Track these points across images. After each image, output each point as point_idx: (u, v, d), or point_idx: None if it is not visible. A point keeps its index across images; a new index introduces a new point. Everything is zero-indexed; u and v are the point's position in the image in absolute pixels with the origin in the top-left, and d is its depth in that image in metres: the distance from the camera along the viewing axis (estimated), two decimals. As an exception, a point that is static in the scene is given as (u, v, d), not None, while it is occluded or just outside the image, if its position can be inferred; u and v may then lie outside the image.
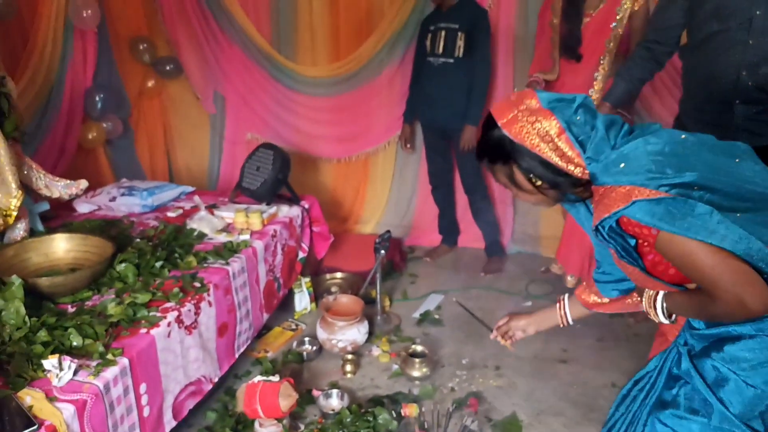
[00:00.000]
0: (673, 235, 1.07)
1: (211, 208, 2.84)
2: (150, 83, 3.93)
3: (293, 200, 2.95)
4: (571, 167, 1.20)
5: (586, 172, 1.20)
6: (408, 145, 3.57)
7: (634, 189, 1.09)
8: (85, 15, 3.29)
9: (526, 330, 1.72)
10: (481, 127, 1.31)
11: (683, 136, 1.18)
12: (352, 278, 3.32)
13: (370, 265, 3.01)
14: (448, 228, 3.72)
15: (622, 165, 1.13)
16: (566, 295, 1.66)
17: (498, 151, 1.25)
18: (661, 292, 1.25)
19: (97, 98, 3.50)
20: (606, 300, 1.53)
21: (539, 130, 1.18)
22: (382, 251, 2.88)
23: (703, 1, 2.11)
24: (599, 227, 1.16)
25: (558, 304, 1.66)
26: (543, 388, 2.47)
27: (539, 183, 1.25)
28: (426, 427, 2.09)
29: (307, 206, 3.00)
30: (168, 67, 3.90)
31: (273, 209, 2.78)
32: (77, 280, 2.02)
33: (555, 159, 1.19)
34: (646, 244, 1.15)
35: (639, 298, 1.33)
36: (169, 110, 4.07)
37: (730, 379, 1.14)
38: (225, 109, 3.98)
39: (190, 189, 3.09)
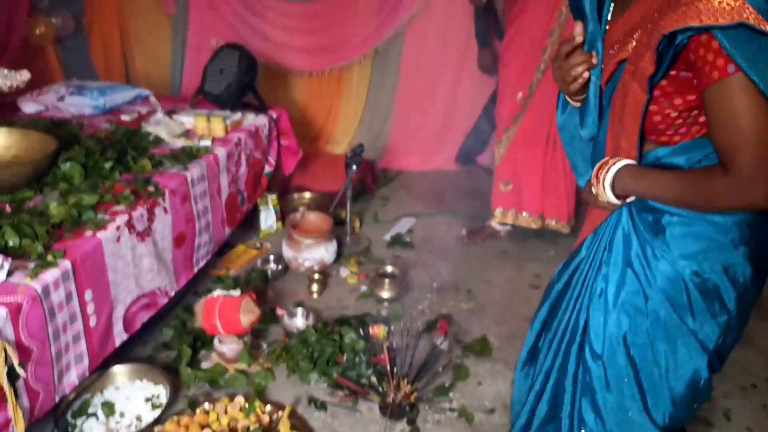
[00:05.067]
0: (750, 85, 0.87)
1: (169, 113, 2.61)
2: (105, -23, 3.56)
3: (260, 108, 2.73)
4: None
5: None
6: None
7: (745, 7, 0.84)
8: None
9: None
10: None
11: None
12: (321, 198, 3.16)
13: (340, 186, 2.85)
14: None
15: None
16: None
17: None
18: (621, 163, 1.07)
19: (44, -12, 3.16)
20: None
21: None
22: (354, 167, 2.72)
23: None
24: (666, 39, 0.91)
25: None
26: (514, 313, 2.41)
27: None
28: (394, 347, 2.01)
29: (275, 116, 2.79)
30: (124, -40, 3.53)
31: (238, 116, 2.57)
32: (15, 176, 1.82)
33: None
34: (683, 77, 0.96)
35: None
36: (126, 10, 3.71)
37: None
38: (188, 11, 3.64)
39: (147, 92, 2.83)
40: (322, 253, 2.54)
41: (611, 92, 1.09)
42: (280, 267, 2.59)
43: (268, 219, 2.91)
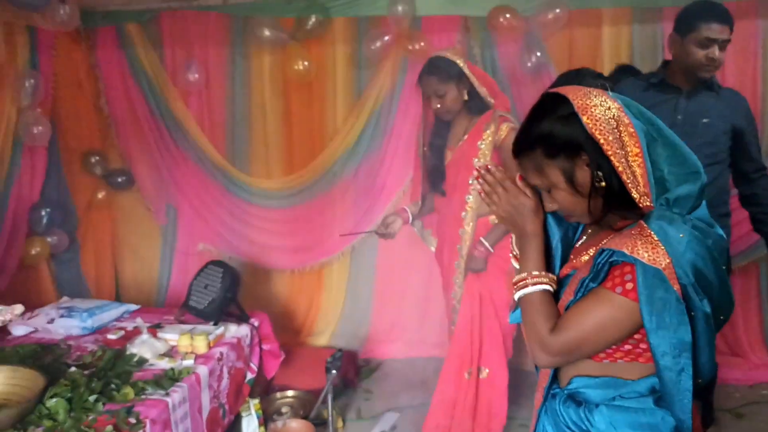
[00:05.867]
0: (616, 313, 1.08)
1: (154, 328, 2.74)
2: (100, 195, 3.88)
3: (242, 318, 2.87)
4: (635, 194, 1.09)
5: (650, 206, 1.09)
6: None
7: (667, 258, 1.03)
8: (35, 132, 3.29)
9: None
10: (540, 109, 1.17)
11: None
12: (304, 396, 3.19)
13: (323, 382, 2.89)
14: None
15: (682, 236, 1.05)
16: None
17: (569, 141, 1.11)
18: (542, 287, 1.21)
19: (43, 213, 3.43)
20: None
21: (617, 138, 1.08)
22: (334, 371, 2.78)
23: None
24: (606, 253, 1.10)
25: None
26: None
27: (602, 184, 1.11)
28: None
29: (256, 324, 2.92)
30: (120, 179, 3.88)
31: (220, 330, 2.70)
32: (2, 421, 1.88)
33: (624, 177, 1.08)
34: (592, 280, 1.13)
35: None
36: (119, 222, 4.00)
37: None
38: (177, 220, 3.95)
39: (135, 307, 2.98)
40: (304, 463, 2.53)
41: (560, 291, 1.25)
42: (261, 481, 2.55)
43: (250, 425, 2.90)
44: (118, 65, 3.73)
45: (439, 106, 2.50)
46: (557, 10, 3.22)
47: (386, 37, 3.47)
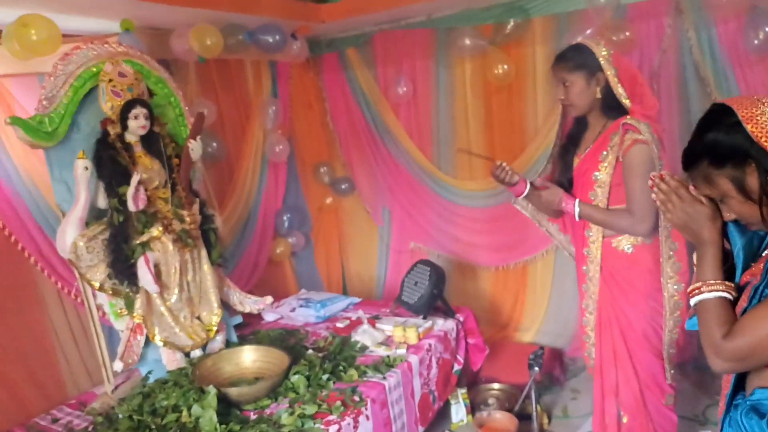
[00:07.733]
0: None
1: (373, 319, 3.12)
2: (328, 200, 4.47)
3: (448, 313, 3.10)
4: None
5: None
6: None
7: None
8: (277, 150, 3.92)
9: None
10: (706, 121, 1.19)
11: None
12: (509, 390, 3.32)
13: (527, 377, 3.00)
14: None
15: None
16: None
17: (734, 149, 1.13)
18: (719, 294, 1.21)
19: (285, 218, 4.07)
20: None
21: None
22: (536, 368, 2.86)
23: None
24: None
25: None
26: None
27: None
28: None
29: (461, 319, 3.14)
30: (343, 186, 4.42)
31: (429, 323, 2.97)
32: (259, 390, 2.36)
33: None
34: None
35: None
36: (344, 224, 4.57)
37: None
38: (391, 221, 4.36)
39: (357, 300, 3.42)
40: (508, 453, 2.67)
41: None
42: (469, 465, 2.76)
43: (458, 412, 3.14)
44: (340, 86, 4.26)
45: (563, 97, 2.23)
46: (790, -23, 2.85)
47: (588, 31, 3.39)
